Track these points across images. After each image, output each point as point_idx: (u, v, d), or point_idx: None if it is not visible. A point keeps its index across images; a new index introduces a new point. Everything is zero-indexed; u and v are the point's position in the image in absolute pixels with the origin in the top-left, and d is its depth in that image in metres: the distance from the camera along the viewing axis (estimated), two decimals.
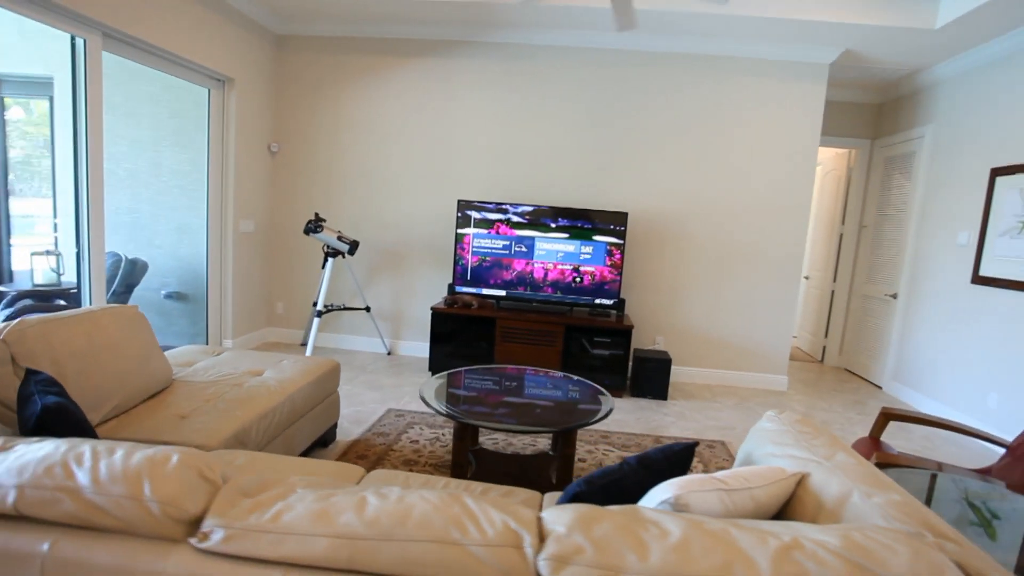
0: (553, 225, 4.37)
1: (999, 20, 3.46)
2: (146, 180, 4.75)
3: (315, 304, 4.71)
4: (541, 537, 0.91)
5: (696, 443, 1.55)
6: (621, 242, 4.32)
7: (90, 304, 3.35)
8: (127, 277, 4.33)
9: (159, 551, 0.89)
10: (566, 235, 4.37)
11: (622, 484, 1.36)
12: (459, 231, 4.43)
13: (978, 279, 3.84)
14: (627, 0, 2.76)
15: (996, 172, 3.74)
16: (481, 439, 3.16)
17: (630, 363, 4.40)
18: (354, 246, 4.42)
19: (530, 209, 4.36)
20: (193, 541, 0.90)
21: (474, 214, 4.41)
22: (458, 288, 4.49)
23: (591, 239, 4.35)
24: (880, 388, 4.88)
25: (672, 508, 1.15)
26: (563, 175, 4.64)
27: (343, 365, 4.49)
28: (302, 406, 2.57)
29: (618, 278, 4.35)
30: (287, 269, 5.00)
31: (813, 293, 6.03)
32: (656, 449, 1.54)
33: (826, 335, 5.71)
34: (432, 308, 4.26)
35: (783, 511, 1.34)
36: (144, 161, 4.72)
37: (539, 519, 0.96)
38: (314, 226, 4.27)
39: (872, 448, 2.47)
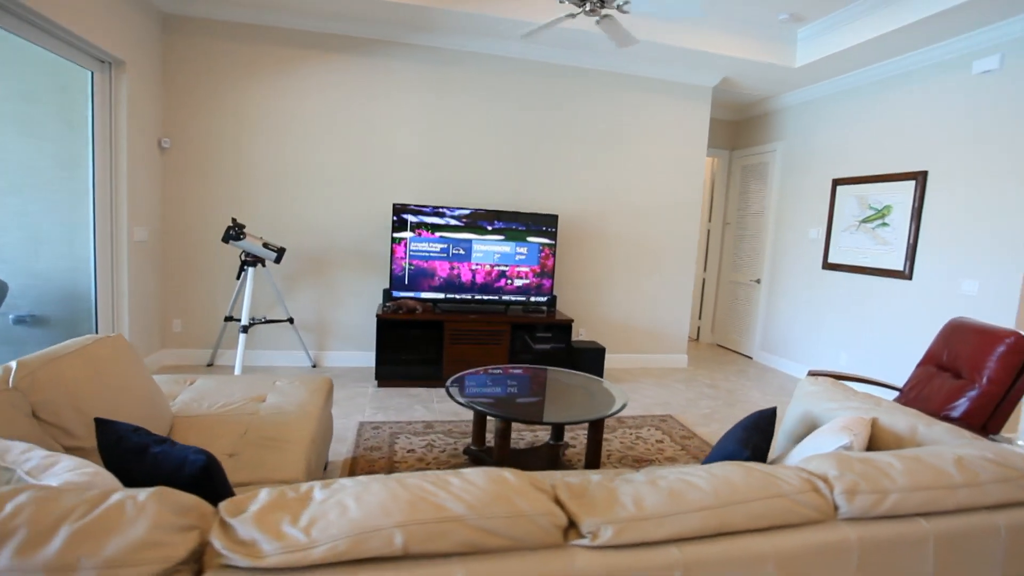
0: (489, 228, 4.50)
1: (839, 65, 4.44)
2: None
3: (228, 319, 4.25)
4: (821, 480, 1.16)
5: (775, 408, 1.87)
6: (553, 242, 4.62)
7: None
8: None
9: (561, 557, 0.93)
10: (502, 237, 4.54)
11: (758, 443, 1.64)
12: (395, 235, 4.33)
13: (827, 265, 4.89)
14: (618, 24, 3.02)
15: (836, 182, 4.81)
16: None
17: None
18: (281, 253, 4.08)
19: (467, 212, 4.44)
20: (584, 542, 0.95)
21: (411, 218, 4.35)
22: (395, 293, 4.39)
23: (525, 240, 4.58)
24: (751, 358, 5.91)
25: (846, 449, 1.46)
26: (490, 178, 4.79)
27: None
28: (324, 427, 2.41)
29: (551, 276, 4.64)
30: (184, 282, 4.39)
31: None
32: (756, 416, 1.84)
33: (700, 317, 6.69)
34: (378, 315, 4.12)
35: (868, 446, 1.72)
36: None
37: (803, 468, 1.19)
38: (236, 233, 3.85)
39: None
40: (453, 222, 4.44)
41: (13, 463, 1.08)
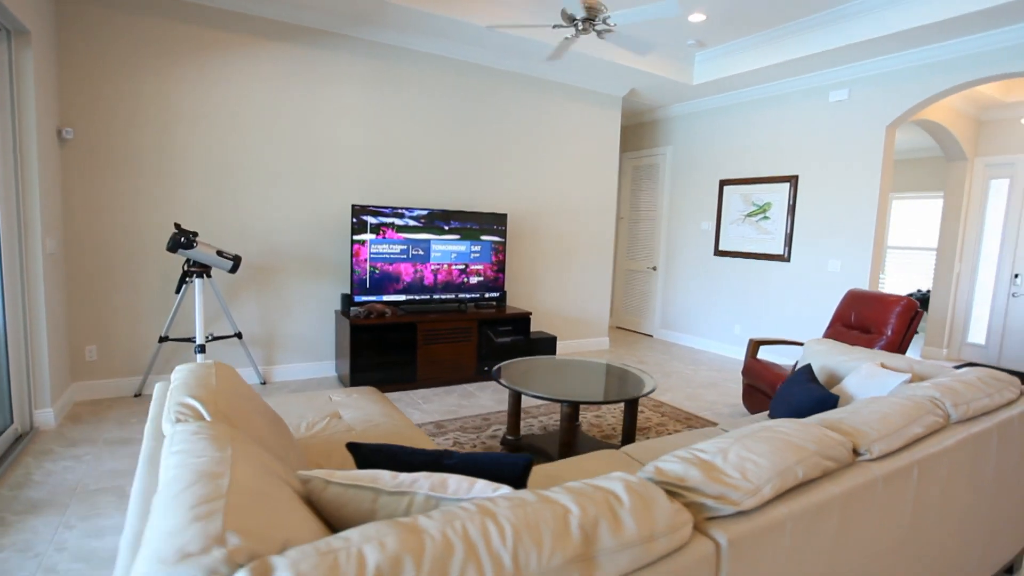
0: (446, 227, 4.58)
1: (728, 85, 5.36)
2: None
3: (164, 339, 3.73)
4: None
5: (809, 364, 2.41)
6: (503, 240, 4.85)
7: None
8: None
9: (861, 469, 1.29)
10: (458, 236, 4.64)
11: (817, 384, 2.15)
12: (355, 237, 4.19)
13: (718, 252, 5.87)
14: (566, 45, 3.37)
15: (723, 182, 5.78)
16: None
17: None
18: (237, 262, 3.71)
19: (425, 213, 4.46)
20: (865, 457, 1.34)
21: (370, 219, 4.24)
22: (357, 298, 4.25)
23: (479, 239, 4.74)
24: (652, 336, 6.77)
25: (907, 383, 2.01)
26: (435, 178, 4.83)
27: None
28: None
29: (502, 273, 4.88)
30: (97, 301, 3.72)
31: None
32: (805, 375, 2.35)
33: None
34: (351, 322, 3.97)
35: None
36: None
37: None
38: (188, 241, 3.43)
39: (757, 363, 3.80)
40: (412, 223, 4.42)
41: (398, 487, 1.08)
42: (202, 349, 3.55)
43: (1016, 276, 5.33)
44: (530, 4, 4.24)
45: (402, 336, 4.22)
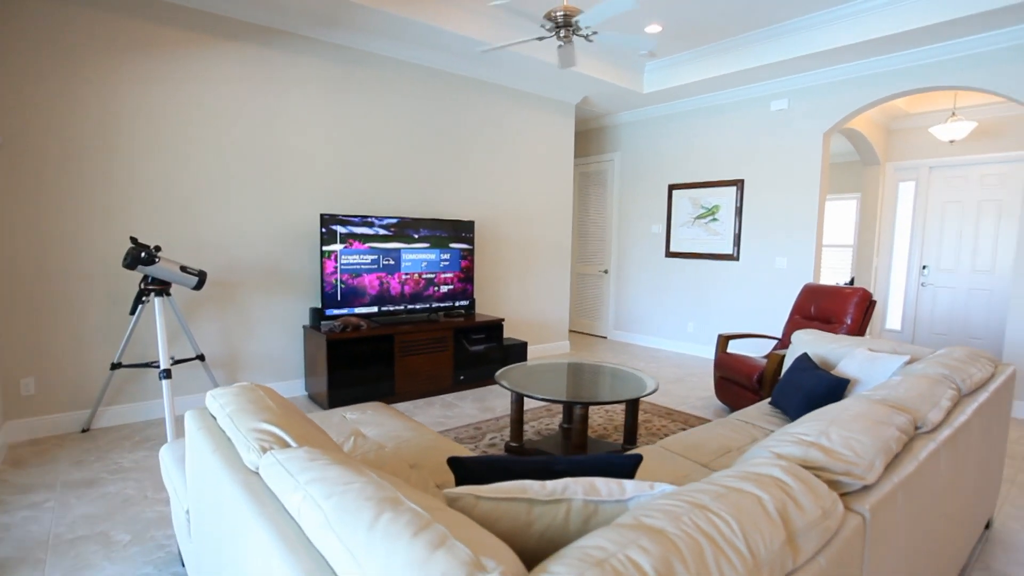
0: (416, 235, 4.49)
1: (676, 93, 5.66)
2: None
3: (116, 366, 3.39)
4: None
5: (806, 352, 2.60)
6: (471, 247, 4.83)
7: None
8: None
9: (924, 439, 1.42)
10: (427, 244, 4.57)
11: (823, 370, 2.32)
12: (325, 248, 4.01)
13: (669, 254, 6.15)
14: (573, 48, 3.44)
15: (672, 187, 6.08)
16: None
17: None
18: (202, 278, 3.44)
19: (395, 221, 4.35)
20: (922, 430, 1.47)
21: (339, 229, 4.08)
22: (329, 311, 4.07)
23: (448, 247, 4.69)
24: (606, 338, 6.97)
25: (907, 364, 2.21)
26: (401, 185, 4.73)
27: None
28: None
29: (471, 281, 4.85)
30: (34, 326, 3.31)
31: None
32: (807, 363, 2.53)
33: None
34: (328, 337, 3.79)
35: None
36: None
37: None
38: (148, 257, 3.14)
39: (729, 356, 4.03)
40: (382, 231, 4.30)
41: (551, 495, 1.05)
42: (167, 374, 3.24)
43: (924, 268, 6.02)
44: (497, 8, 4.27)
45: (379, 349, 4.08)
